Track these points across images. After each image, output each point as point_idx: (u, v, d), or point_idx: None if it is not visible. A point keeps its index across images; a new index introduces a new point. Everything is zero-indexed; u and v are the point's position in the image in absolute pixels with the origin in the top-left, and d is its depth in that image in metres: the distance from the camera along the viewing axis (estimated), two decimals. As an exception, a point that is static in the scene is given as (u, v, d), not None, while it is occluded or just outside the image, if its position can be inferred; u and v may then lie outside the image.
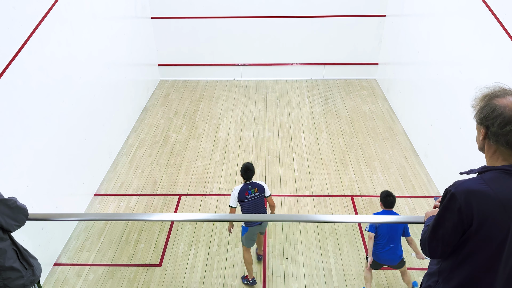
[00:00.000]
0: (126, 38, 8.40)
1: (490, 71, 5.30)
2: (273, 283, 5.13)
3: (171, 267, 5.38)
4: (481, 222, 1.82)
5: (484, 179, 1.84)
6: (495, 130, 1.80)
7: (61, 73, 5.69)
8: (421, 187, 6.79)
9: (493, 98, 1.83)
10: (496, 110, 1.79)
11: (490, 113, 1.81)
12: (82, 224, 6.05)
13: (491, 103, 1.82)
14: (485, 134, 1.87)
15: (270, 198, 4.95)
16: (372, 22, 10.12)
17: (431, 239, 2.01)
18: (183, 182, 7.00)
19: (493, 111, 1.79)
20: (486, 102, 1.84)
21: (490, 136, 1.84)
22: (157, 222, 6.11)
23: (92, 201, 6.56)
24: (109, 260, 5.48)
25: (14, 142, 4.62)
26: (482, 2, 5.41)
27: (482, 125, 1.87)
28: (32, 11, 5.01)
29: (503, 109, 1.77)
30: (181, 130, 8.58)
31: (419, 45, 7.72)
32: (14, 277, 2.79)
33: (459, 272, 1.98)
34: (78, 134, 6.16)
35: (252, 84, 10.70)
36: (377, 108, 9.34)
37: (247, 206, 4.83)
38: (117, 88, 7.87)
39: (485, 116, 1.83)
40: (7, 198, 2.76)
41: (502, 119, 1.77)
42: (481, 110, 1.86)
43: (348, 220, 4.65)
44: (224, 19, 10.18)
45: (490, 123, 1.81)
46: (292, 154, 7.75)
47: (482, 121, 1.86)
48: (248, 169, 4.86)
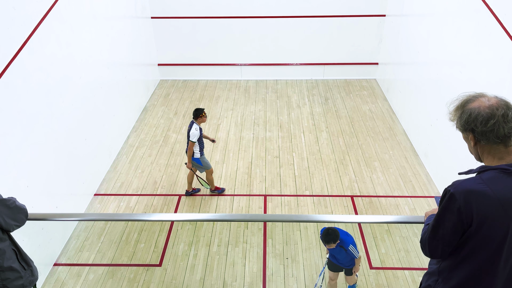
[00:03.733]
0: (126, 38, 8.40)
1: (490, 71, 5.29)
2: (273, 283, 5.13)
3: (171, 267, 5.37)
4: (481, 222, 1.83)
5: (483, 179, 1.85)
6: (480, 130, 1.84)
7: (61, 73, 5.69)
8: (421, 187, 6.79)
9: (466, 104, 1.90)
10: (472, 112, 1.85)
11: (468, 117, 1.86)
12: (82, 224, 6.05)
13: (466, 109, 1.89)
14: (474, 138, 1.90)
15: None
16: (372, 22, 10.11)
17: (431, 239, 2.01)
18: (183, 182, 7.00)
19: (470, 114, 1.86)
20: (461, 110, 1.91)
21: (479, 137, 1.87)
22: (157, 222, 6.11)
23: (92, 201, 6.56)
24: (109, 260, 5.48)
25: (14, 142, 4.62)
26: (482, 2, 5.40)
27: (467, 131, 1.91)
28: (32, 11, 5.01)
29: (478, 109, 1.84)
30: (181, 130, 8.58)
31: (419, 45, 7.71)
32: (13, 277, 2.78)
33: (459, 272, 1.99)
34: (78, 134, 6.16)
35: (252, 84, 10.70)
36: (377, 108, 9.34)
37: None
38: (117, 88, 7.87)
39: (466, 121, 1.88)
40: (7, 198, 2.76)
41: (482, 118, 1.82)
42: (459, 119, 1.92)
43: (348, 220, 4.65)
44: (224, 19, 10.18)
45: (473, 125, 1.86)
46: (292, 154, 7.75)
47: (465, 127, 1.90)
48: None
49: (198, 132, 6.10)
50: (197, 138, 6.11)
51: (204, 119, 6.21)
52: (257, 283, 5.13)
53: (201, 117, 6.18)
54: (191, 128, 6.10)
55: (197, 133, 6.09)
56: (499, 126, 1.80)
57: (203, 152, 6.33)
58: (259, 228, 5.95)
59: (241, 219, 4.19)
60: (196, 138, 6.10)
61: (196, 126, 6.12)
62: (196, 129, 6.08)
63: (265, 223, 6.06)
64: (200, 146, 6.24)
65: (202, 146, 6.28)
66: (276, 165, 7.42)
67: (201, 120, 6.20)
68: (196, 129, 6.08)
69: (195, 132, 6.07)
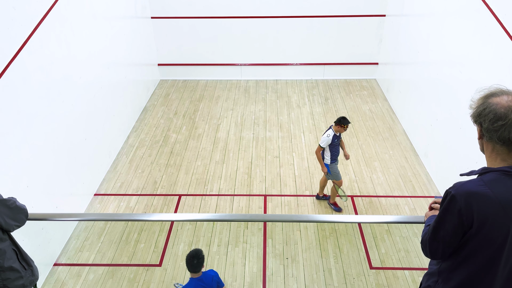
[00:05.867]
0: (126, 38, 8.40)
1: (490, 71, 5.29)
2: (273, 283, 5.13)
3: (171, 267, 5.37)
4: (481, 224, 1.82)
5: (484, 180, 1.84)
6: (486, 127, 1.83)
7: (61, 73, 5.69)
8: (421, 187, 6.79)
9: (489, 97, 1.86)
10: (488, 107, 1.82)
11: (483, 110, 1.84)
12: (82, 224, 6.05)
13: (486, 101, 1.85)
14: (480, 132, 1.89)
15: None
16: (372, 22, 10.11)
17: (431, 240, 2.01)
18: (183, 182, 7.00)
19: (486, 108, 1.83)
20: (482, 101, 1.87)
21: (484, 133, 1.86)
22: (157, 222, 6.11)
23: (92, 201, 6.56)
24: (109, 260, 5.48)
25: (14, 142, 4.62)
26: (482, 2, 5.40)
27: (477, 123, 1.90)
28: (32, 11, 5.01)
29: (495, 106, 1.80)
30: (181, 130, 8.58)
31: (419, 45, 7.71)
32: (14, 277, 2.79)
33: (459, 273, 1.98)
34: (78, 134, 6.16)
35: (252, 84, 10.70)
36: (377, 108, 9.34)
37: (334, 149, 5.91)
38: (117, 88, 7.87)
39: (479, 114, 1.86)
40: (7, 198, 2.76)
41: (494, 115, 1.79)
42: (476, 109, 1.89)
43: (348, 220, 4.65)
44: (224, 19, 10.18)
45: (483, 120, 1.84)
46: (292, 154, 7.75)
47: (476, 119, 1.89)
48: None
49: (328, 139, 5.73)
50: (325, 144, 5.77)
51: (341, 129, 5.75)
52: (257, 283, 5.13)
53: (340, 126, 5.72)
54: (325, 132, 5.82)
55: (327, 140, 5.74)
56: (505, 129, 1.77)
57: (334, 160, 5.99)
58: (259, 228, 5.95)
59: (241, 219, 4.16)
60: (324, 143, 5.77)
61: (330, 132, 5.76)
62: (328, 135, 5.73)
63: (265, 223, 6.06)
64: (331, 153, 5.90)
65: (334, 154, 5.93)
66: (276, 165, 7.42)
67: (338, 129, 5.76)
68: (328, 135, 5.74)
69: (326, 138, 5.75)
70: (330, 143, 5.80)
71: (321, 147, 5.84)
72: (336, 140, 5.85)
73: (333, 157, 5.97)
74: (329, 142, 5.78)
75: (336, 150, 5.96)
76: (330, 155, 5.94)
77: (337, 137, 5.83)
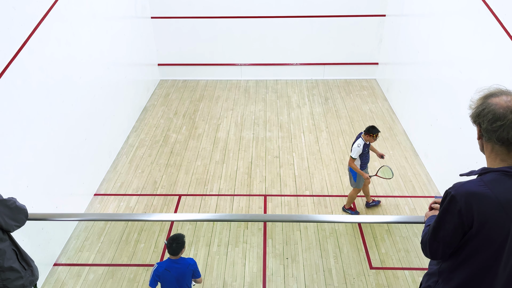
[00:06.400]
0: (126, 38, 8.40)
1: (490, 71, 5.29)
2: (273, 283, 5.13)
3: (171, 267, 5.37)
4: (482, 224, 1.82)
5: (484, 181, 1.84)
6: (485, 127, 1.83)
7: (61, 73, 5.69)
8: (421, 187, 6.79)
9: (488, 97, 1.86)
10: (487, 107, 1.82)
11: (482, 110, 1.84)
12: (82, 224, 6.05)
13: (485, 102, 1.85)
14: (479, 132, 1.90)
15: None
16: (372, 22, 10.11)
17: (432, 240, 2.01)
18: (183, 182, 7.00)
19: (485, 108, 1.83)
20: (481, 102, 1.87)
21: (483, 133, 1.86)
22: (157, 222, 6.11)
23: (92, 201, 6.56)
24: (109, 260, 5.48)
25: (14, 142, 4.62)
26: (482, 2, 5.40)
27: (476, 124, 1.90)
28: (32, 11, 5.01)
29: (494, 106, 1.80)
30: (181, 130, 8.58)
31: (419, 45, 7.71)
32: (14, 277, 2.79)
33: (459, 273, 1.98)
34: (78, 134, 6.16)
35: (252, 84, 10.70)
36: (377, 108, 9.34)
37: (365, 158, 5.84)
38: (117, 88, 7.87)
39: (478, 114, 1.86)
40: (7, 198, 2.76)
41: (492, 116, 1.79)
42: (475, 109, 1.89)
43: (348, 220, 4.65)
44: (224, 19, 10.18)
45: (482, 120, 1.84)
46: (292, 154, 7.75)
47: (475, 119, 1.89)
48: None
49: (359, 149, 5.66)
50: (357, 154, 5.68)
51: (371, 139, 5.68)
52: (257, 283, 5.13)
53: (369, 136, 5.66)
54: (355, 142, 5.72)
55: (358, 150, 5.66)
56: (503, 129, 1.77)
57: (363, 168, 5.90)
58: (259, 228, 5.95)
59: (241, 219, 4.18)
60: (355, 154, 5.68)
61: (360, 141, 5.68)
62: (359, 145, 5.66)
63: (265, 223, 6.06)
64: (362, 161, 5.82)
65: (364, 162, 5.84)
66: (276, 165, 7.42)
67: (368, 138, 5.69)
68: (358, 145, 5.66)
69: (357, 149, 5.66)
70: (361, 153, 5.72)
71: (353, 159, 5.74)
72: (366, 149, 5.77)
73: (362, 166, 5.87)
74: (360, 152, 5.69)
75: (366, 158, 5.85)
76: (360, 163, 5.84)
77: (366, 146, 5.74)
